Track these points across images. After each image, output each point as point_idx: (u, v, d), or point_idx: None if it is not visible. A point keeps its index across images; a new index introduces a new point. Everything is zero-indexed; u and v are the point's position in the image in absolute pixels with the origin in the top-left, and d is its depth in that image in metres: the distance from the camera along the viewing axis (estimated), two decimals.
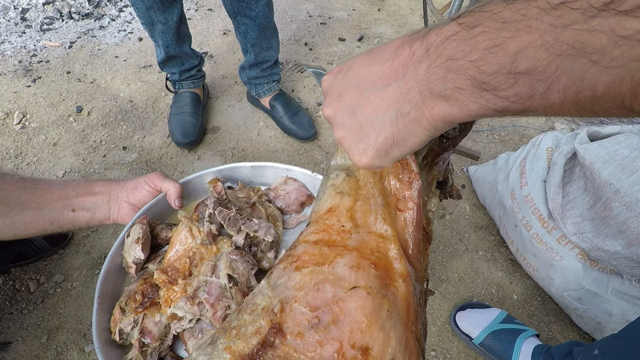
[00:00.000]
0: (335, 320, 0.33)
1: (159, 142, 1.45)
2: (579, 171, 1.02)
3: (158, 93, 1.63)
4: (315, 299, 0.34)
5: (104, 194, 0.71)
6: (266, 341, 0.32)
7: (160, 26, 1.25)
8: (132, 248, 0.63)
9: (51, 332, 1.02)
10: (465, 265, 1.18)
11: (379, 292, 0.35)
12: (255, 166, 0.80)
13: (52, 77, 1.65)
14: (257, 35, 1.32)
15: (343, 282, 0.35)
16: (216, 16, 2.05)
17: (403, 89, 0.30)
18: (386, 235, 0.39)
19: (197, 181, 0.79)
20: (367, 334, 0.32)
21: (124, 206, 0.72)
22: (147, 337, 0.57)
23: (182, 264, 0.61)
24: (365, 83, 0.33)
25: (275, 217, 0.73)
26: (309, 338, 0.32)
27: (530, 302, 1.12)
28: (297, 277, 0.37)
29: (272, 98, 1.48)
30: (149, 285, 0.61)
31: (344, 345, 0.32)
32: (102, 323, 0.59)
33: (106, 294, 0.62)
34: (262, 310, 0.36)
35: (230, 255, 0.59)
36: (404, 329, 0.34)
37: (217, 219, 0.64)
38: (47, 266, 1.13)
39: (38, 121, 1.48)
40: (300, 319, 0.33)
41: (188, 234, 0.63)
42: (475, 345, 1.02)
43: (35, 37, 1.81)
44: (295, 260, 0.40)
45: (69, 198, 0.68)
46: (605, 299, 0.96)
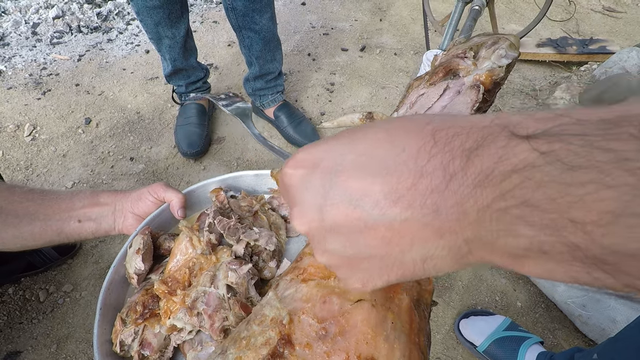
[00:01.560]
0: (341, 331, 0.34)
1: (165, 153, 1.48)
2: None
3: (164, 104, 1.66)
4: (322, 310, 0.36)
5: (109, 205, 0.72)
6: (276, 352, 0.34)
7: (167, 41, 1.28)
8: (133, 259, 0.64)
9: (60, 342, 1.04)
10: (468, 273, 1.19)
11: (383, 304, 0.36)
12: (259, 174, 0.81)
13: (61, 90, 1.68)
14: (261, 48, 1.35)
15: (348, 294, 0.37)
16: (221, 28, 2.09)
17: (436, 229, 0.21)
18: None
19: (200, 191, 0.81)
20: (372, 345, 0.33)
21: (129, 217, 0.73)
22: (147, 349, 0.57)
23: (181, 275, 0.61)
24: (364, 202, 0.23)
25: (277, 226, 0.74)
26: (317, 349, 0.34)
27: (535, 309, 1.13)
28: (304, 289, 0.39)
29: (276, 109, 1.51)
30: (150, 296, 0.61)
31: (351, 356, 0.33)
32: (104, 335, 0.60)
33: (109, 305, 0.63)
34: (271, 321, 0.37)
35: (230, 265, 0.60)
36: (408, 341, 0.35)
37: (217, 229, 0.65)
38: (56, 276, 1.15)
39: (48, 133, 1.51)
40: (308, 330, 0.35)
41: (189, 244, 0.63)
42: (479, 353, 1.02)
43: (45, 50, 1.85)
44: (301, 272, 0.41)
45: (75, 209, 0.69)
46: (609, 305, 0.96)
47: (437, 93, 0.56)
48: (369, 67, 1.93)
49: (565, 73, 1.94)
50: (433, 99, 0.56)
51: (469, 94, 0.52)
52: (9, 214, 0.65)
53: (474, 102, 0.51)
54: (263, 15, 1.27)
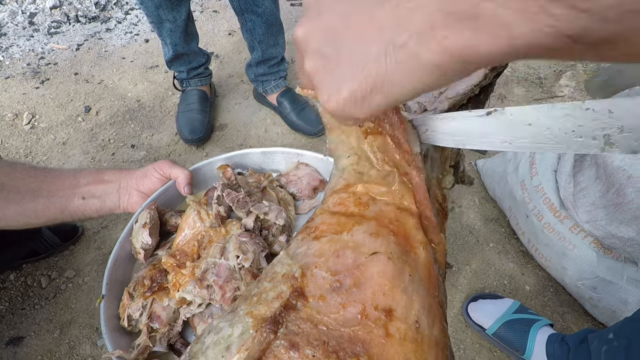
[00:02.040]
0: (357, 283, 0.33)
1: (167, 140, 1.46)
2: (590, 160, 1.02)
3: (165, 92, 1.64)
4: (335, 264, 0.34)
5: (113, 182, 0.71)
6: (288, 304, 0.32)
7: (168, 24, 1.26)
8: (140, 233, 0.63)
9: (63, 327, 1.02)
10: (476, 257, 1.18)
11: (400, 257, 0.35)
12: (266, 152, 0.80)
13: (60, 79, 1.66)
14: (264, 32, 1.33)
15: (363, 248, 0.35)
16: (221, 17, 2.07)
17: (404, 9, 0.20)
18: (404, 205, 0.39)
19: (206, 169, 0.79)
20: (389, 296, 0.32)
21: (134, 194, 0.72)
22: (156, 322, 0.56)
23: (190, 248, 0.60)
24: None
25: (287, 202, 0.73)
26: (331, 300, 0.32)
27: (543, 293, 1.11)
28: (316, 245, 0.37)
29: (279, 94, 1.49)
30: (158, 271, 0.60)
31: (367, 307, 0.31)
32: (110, 309, 0.58)
33: (115, 281, 0.62)
34: (282, 277, 0.36)
35: (240, 237, 0.58)
36: (427, 294, 0.34)
37: (226, 201, 0.63)
38: (58, 262, 1.13)
39: (47, 121, 1.49)
40: (322, 282, 0.33)
41: (196, 218, 0.62)
42: (488, 336, 1.01)
43: (43, 40, 1.82)
44: (313, 230, 0.40)
45: (79, 186, 0.68)
46: (621, 287, 0.95)
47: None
48: None
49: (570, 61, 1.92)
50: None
51: None
52: (10, 190, 0.63)
53: None
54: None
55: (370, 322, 0.30)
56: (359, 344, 0.29)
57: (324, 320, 0.30)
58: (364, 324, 0.30)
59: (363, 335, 0.29)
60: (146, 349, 0.53)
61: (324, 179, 0.78)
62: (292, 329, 0.30)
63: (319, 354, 0.28)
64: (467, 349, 1.01)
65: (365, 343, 0.29)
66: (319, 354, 0.28)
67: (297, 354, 0.28)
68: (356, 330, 0.30)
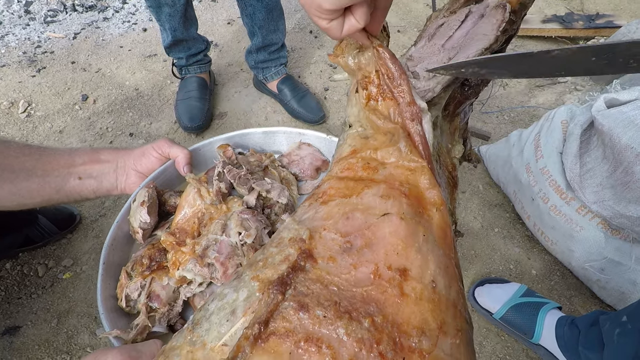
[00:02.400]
0: (368, 244, 0.31)
1: (165, 128, 1.43)
2: (596, 140, 1.00)
3: (164, 81, 1.61)
4: (345, 226, 0.33)
5: (111, 162, 0.68)
6: (296, 265, 0.30)
7: (167, 9, 1.23)
8: (138, 211, 0.60)
9: (61, 316, 1.00)
10: (481, 243, 1.16)
11: (412, 218, 0.33)
12: (267, 132, 0.78)
13: (56, 67, 1.63)
14: (264, 17, 1.31)
15: (373, 210, 0.33)
16: (220, 7, 2.04)
17: None
18: (415, 167, 0.37)
19: (206, 149, 0.77)
20: (403, 256, 0.30)
21: (132, 174, 0.69)
22: (155, 302, 0.54)
23: (190, 225, 0.58)
24: None
25: (289, 181, 0.71)
26: (341, 261, 0.30)
27: (550, 276, 1.10)
28: (324, 209, 0.35)
29: (279, 82, 1.47)
30: (157, 250, 0.58)
31: (380, 267, 0.30)
32: (107, 290, 0.56)
33: (112, 262, 0.60)
34: (290, 240, 0.34)
35: (242, 215, 0.56)
36: (443, 254, 0.32)
37: (227, 178, 0.61)
38: (55, 250, 1.11)
39: (43, 110, 1.46)
40: (331, 244, 0.32)
41: (196, 195, 0.60)
42: (496, 320, 0.99)
43: (39, 29, 1.79)
44: (320, 196, 0.38)
45: (75, 166, 0.65)
46: (629, 267, 0.93)
47: (458, 20, 0.52)
48: None
49: None
50: (453, 27, 0.52)
51: (494, 15, 0.48)
52: (4, 169, 0.60)
53: (500, 23, 0.47)
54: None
55: (383, 281, 0.28)
56: (373, 304, 0.27)
57: (335, 281, 0.29)
58: (377, 284, 0.28)
59: (376, 295, 0.27)
60: (145, 329, 0.51)
61: (327, 159, 0.76)
62: (301, 290, 0.28)
63: (331, 315, 0.26)
64: (474, 334, 1.00)
65: (379, 303, 0.27)
66: (330, 314, 0.26)
67: (307, 314, 0.26)
68: (369, 290, 0.28)
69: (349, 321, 0.26)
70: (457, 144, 0.51)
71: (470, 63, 0.32)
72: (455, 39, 0.50)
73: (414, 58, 0.50)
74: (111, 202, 1.21)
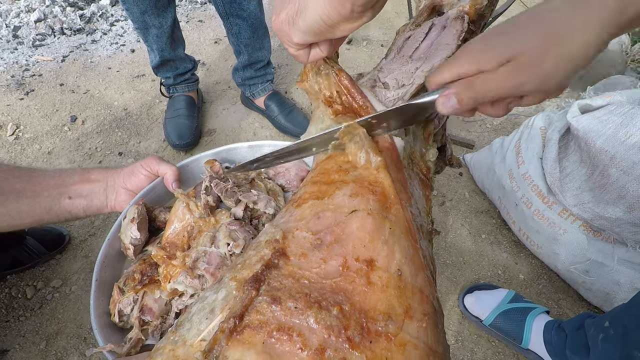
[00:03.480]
0: (337, 239, 0.33)
1: (154, 147, 1.45)
2: (573, 145, 1.03)
3: (152, 100, 1.64)
4: (316, 224, 0.34)
5: (100, 181, 0.69)
6: (270, 263, 0.32)
7: (154, 30, 1.26)
8: (128, 228, 0.62)
9: (50, 338, 0.99)
10: (469, 249, 1.18)
11: (379, 213, 0.34)
12: (253, 146, 0.80)
13: (45, 90, 1.65)
14: (249, 36, 1.34)
15: (343, 208, 0.35)
16: (207, 27, 2.09)
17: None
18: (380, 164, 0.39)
19: (194, 165, 0.79)
20: (370, 248, 0.32)
21: (121, 192, 0.70)
22: (148, 315, 0.55)
23: (180, 239, 0.59)
24: None
25: (275, 192, 0.72)
26: (312, 257, 0.32)
27: (537, 280, 1.11)
28: (298, 211, 0.37)
29: (266, 98, 1.50)
30: (148, 264, 0.59)
31: (348, 259, 0.31)
32: (100, 306, 0.57)
33: (104, 279, 0.60)
34: (265, 242, 0.35)
35: (230, 226, 0.58)
36: (409, 245, 0.34)
37: (214, 192, 0.63)
38: (44, 272, 1.10)
39: (32, 132, 1.47)
40: (303, 242, 0.33)
41: (185, 210, 0.61)
42: (485, 327, 1.00)
43: (28, 52, 1.82)
44: (296, 200, 0.40)
45: (65, 186, 0.66)
46: (612, 268, 0.95)
47: (423, 32, 0.55)
48: (356, 58, 1.93)
49: None
50: (419, 39, 0.55)
51: (454, 25, 0.51)
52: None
53: (459, 33, 0.50)
54: (250, 1, 1.26)
55: (351, 272, 0.29)
56: (341, 294, 0.28)
57: (306, 275, 0.30)
58: (346, 275, 0.29)
59: (345, 285, 0.29)
60: (139, 342, 0.52)
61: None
62: (274, 285, 0.29)
63: (301, 305, 0.27)
64: (465, 341, 1.00)
65: (348, 292, 0.28)
66: (300, 305, 0.27)
67: (279, 307, 0.28)
68: (338, 281, 0.29)
69: (319, 310, 0.27)
70: (431, 148, 0.53)
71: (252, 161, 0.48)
72: (421, 50, 0.53)
73: (384, 70, 0.52)
74: (100, 221, 1.21)
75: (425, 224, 0.41)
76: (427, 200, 0.46)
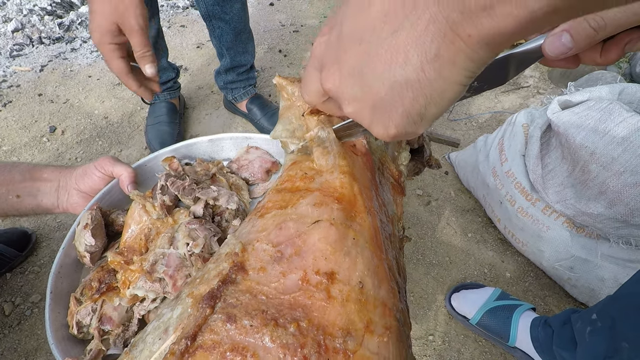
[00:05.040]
0: (297, 251, 0.31)
1: (136, 155, 1.42)
2: (555, 141, 1.03)
3: (133, 108, 1.61)
4: (277, 236, 0.33)
5: (52, 181, 0.66)
6: (227, 278, 0.30)
7: None
8: (82, 235, 0.59)
9: (29, 355, 0.96)
10: (455, 248, 1.17)
11: (343, 222, 0.33)
12: (213, 139, 0.77)
13: (23, 101, 1.62)
14: (232, 39, 1.33)
15: (306, 218, 0.34)
16: (189, 31, 2.07)
17: (419, 26, 0.22)
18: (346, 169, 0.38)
19: (152, 164, 0.74)
20: (332, 260, 0.31)
21: (74, 194, 0.67)
22: (107, 324, 0.53)
23: (137, 242, 0.57)
24: (366, 34, 0.25)
25: (238, 186, 0.70)
26: (271, 271, 0.31)
27: (524, 278, 1.11)
28: (260, 222, 0.36)
29: (248, 101, 1.48)
30: (106, 272, 0.57)
31: (308, 272, 0.30)
32: (58, 319, 0.55)
33: (61, 291, 0.58)
34: (225, 255, 0.34)
35: (189, 225, 0.56)
36: (372, 256, 0.33)
37: (171, 191, 0.61)
38: (23, 287, 1.07)
39: (10, 144, 1.44)
40: (263, 255, 0.32)
41: (142, 212, 0.59)
42: (472, 326, 0.99)
43: (5, 63, 1.78)
44: (259, 210, 0.38)
45: (14, 183, 0.64)
46: (596, 264, 0.95)
47: None
48: None
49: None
50: None
51: None
52: None
53: None
54: (234, 5, 1.25)
55: (311, 287, 0.28)
56: (299, 309, 0.27)
57: (264, 290, 0.29)
58: (305, 289, 0.28)
59: (303, 300, 0.28)
60: (99, 353, 0.50)
61: (276, 161, 0.76)
62: (230, 302, 0.28)
63: (257, 323, 0.26)
64: (451, 341, 1.00)
65: (306, 308, 0.27)
66: (256, 323, 0.26)
67: (234, 325, 0.26)
68: (296, 297, 0.28)
69: (275, 328, 0.26)
70: (404, 152, 0.52)
71: None
72: None
73: None
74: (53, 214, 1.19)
75: (397, 231, 0.40)
76: (398, 206, 0.45)
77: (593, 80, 1.46)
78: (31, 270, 1.11)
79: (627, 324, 0.68)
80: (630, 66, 1.67)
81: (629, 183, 0.83)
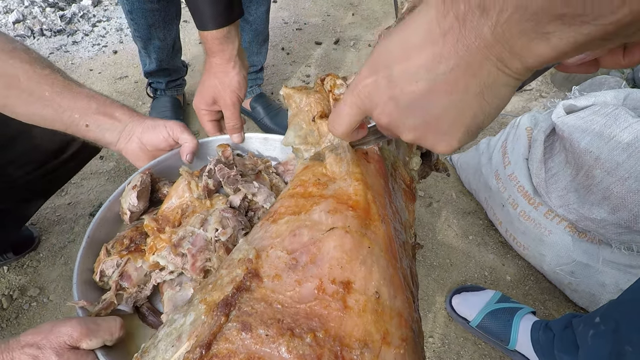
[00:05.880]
0: (313, 259, 0.31)
1: None
2: (559, 145, 1.03)
3: (135, 102, 1.60)
4: (292, 243, 0.33)
5: (120, 122, 0.69)
6: (241, 286, 0.30)
7: (157, 42, 1.25)
8: (129, 194, 0.63)
9: None
10: (456, 251, 1.17)
11: (358, 230, 0.33)
12: (268, 138, 0.79)
13: None
14: (250, 40, 1.33)
15: (320, 225, 0.34)
16: (192, 26, 2.05)
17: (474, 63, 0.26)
18: (359, 177, 0.38)
19: (210, 146, 0.78)
20: (347, 269, 0.30)
21: (134, 141, 0.69)
22: (126, 281, 0.56)
23: (173, 214, 0.60)
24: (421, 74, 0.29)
25: (278, 188, 0.71)
26: (286, 279, 0.30)
27: (524, 282, 1.11)
28: (273, 228, 0.36)
29: (252, 100, 1.48)
30: (139, 233, 0.60)
31: (324, 281, 0.30)
32: (86, 263, 0.58)
33: (97, 239, 0.61)
34: (238, 261, 0.34)
35: (223, 212, 0.58)
36: (388, 265, 0.32)
37: (217, 176, 0.63)
38: (20, 280, 1.07)
39: None
40: (277, 262, 0.32)
41: (186, 187, 0.62)
42: (473, 328, 0.99)
43: None
44: (272, 215, 0.38)
45: (88, 113, 0.66)
46: (597, 269, 0.96)
47: None
48: (344, 58, 1.92)
49: None
50: None
51: None
52: (24, 90, 0.62)
53: None
54: (259, 7, 1.26)
55: (327, 296, 0.28)
56: (316, 319, 0.27)
57: (279, 299, 0.28)
58: (321, 299, 0.28)
59: (320, 310, 0.27)
60: (110, 305, 0.53)
61: None
62: (245, 310, 0.28)
63: (273, 333, 0.26)
64: (451, 343, 1.00)
65: (322, 317, 0.27)
66: (272, 332, 0.26)
67: (249, 334, 0.26)
68: (312, 306, 0.28)
69: (291, 338, 0.26)
70: (415, 156, 0.52)
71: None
72: None
73: None
74: (81, 227, 1.18)
75: (409, 238, 0.40)
76: (410, 212, 0.44)
77: (596, 84, 1.46)
78: (29, 265, 1.10)
79: (631, 327, 0.68)
80: (633, 71, 1.67)
81: (633, 189, 0.83)
